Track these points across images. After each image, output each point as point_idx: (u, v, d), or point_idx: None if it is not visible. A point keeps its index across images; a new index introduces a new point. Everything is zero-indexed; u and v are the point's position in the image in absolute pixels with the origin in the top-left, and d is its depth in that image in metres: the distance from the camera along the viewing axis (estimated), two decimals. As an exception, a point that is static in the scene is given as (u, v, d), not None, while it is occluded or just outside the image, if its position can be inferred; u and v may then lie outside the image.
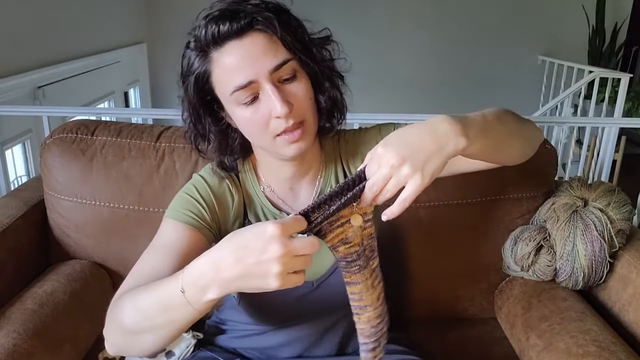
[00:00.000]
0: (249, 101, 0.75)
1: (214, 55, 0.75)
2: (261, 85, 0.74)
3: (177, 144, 1.25)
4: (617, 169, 3.06)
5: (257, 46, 0.73)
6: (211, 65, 0.76)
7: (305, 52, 0.78)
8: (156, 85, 4.10)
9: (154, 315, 0.65)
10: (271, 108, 0.74)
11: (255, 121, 0.76)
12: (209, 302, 0.60)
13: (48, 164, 1.24)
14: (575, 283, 1.21)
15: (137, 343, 0.69)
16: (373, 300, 0.66)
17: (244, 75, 0.73)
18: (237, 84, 0.73)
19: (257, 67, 0.73)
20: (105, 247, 1.26)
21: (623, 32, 4.14)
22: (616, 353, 0.98)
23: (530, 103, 4.16)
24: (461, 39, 4.11)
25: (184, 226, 0.82)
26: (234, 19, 0.72)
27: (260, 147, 0.84)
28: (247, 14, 0.73)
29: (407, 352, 1.02)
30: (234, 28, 0.72)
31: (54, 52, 2.52)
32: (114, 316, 0.70)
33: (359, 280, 0.65)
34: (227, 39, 0.73)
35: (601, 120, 2.91)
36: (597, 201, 1.21)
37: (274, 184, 0.91)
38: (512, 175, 1.29)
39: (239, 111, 0.77)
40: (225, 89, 0.75)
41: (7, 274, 1.15)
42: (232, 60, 0.73)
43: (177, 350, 1.10)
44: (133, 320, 0.67)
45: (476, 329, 1.29)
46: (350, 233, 0.64)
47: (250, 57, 0.73)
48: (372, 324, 0.67)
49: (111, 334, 0.71)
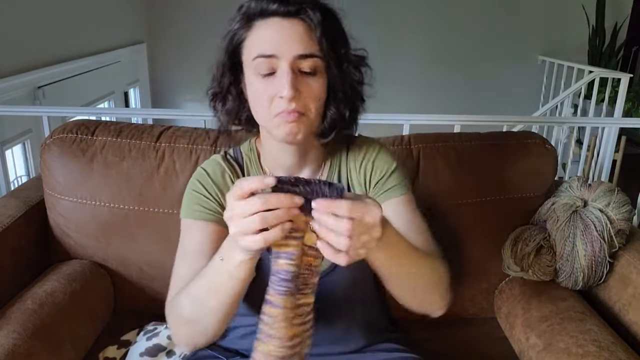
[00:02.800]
0: (265, 73, 0.78)
1: (255, 24, 0.80)
2: (280, 64, 0.78)
3: (177, 144, 1.25)
4: (617, 169, 3.06)
5: (294, 31, 0.78)
6: (249, 32, 0.80)
7: (334, 59, 0.81)
8: (156, 85, 4.10)
9: (207, 296, 0.72)
10: (279, 88, 0.77)
11: (263, 95, 0.79)
12: (241, 264, 0.65)
13: (48, 164, 1.24)
14: (575, 283, 1.21)
15: (202, 329, 0.76)
16: (283, 336, 0.60)
17: (271, 47, 0.77)
18: (261, 52, 0.78)
19: (285, 47, 0.77)
20: (105, 247, 1.26)
21: (623, 32, 4.14)
22: (616, 353, 0.98)
23: (530, 103, 4.16)
24: (461, 39, 4.12)
25: (203, 223, 0.87)
26: (286, 3, 0.78)
27: (261, 125, 0.86)
28: (299, 2, 0.78)
29: (407, 351, 1.03)
30: (281, 9, 0.77)
31: (54, 52, 2.52)
32: (175, 315, 0.78)
33: (280, 304, 0.60)
34: (272, 14, 0.78)
35: (601, 120, 2.91)
36: (597, 201, 1.21)
37: (274, 170, 0.94)
38: (512, 175, 1.29)
39: (254, 79, 0.80)
40: (251, 53, 0.79)
41: (7, 274, 1.15)
42: (268, 32, 0.78)
43: (177, 350, 1.10)
44: (191, 309, 0.74)
45: (476, 329, 1.29)
46: (297, 251, 0.59)
47: (283, 37, 0.77)
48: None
49: (179, 334, 0.80)
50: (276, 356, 0.60)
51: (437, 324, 1.29)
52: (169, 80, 4.12)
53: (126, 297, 1.29)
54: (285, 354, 0.60)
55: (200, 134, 1.28)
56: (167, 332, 1.12)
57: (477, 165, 1.29)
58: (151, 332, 1.15)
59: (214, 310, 0.73)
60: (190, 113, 2.37)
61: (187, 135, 1.28)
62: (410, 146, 1.30)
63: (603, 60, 4.02)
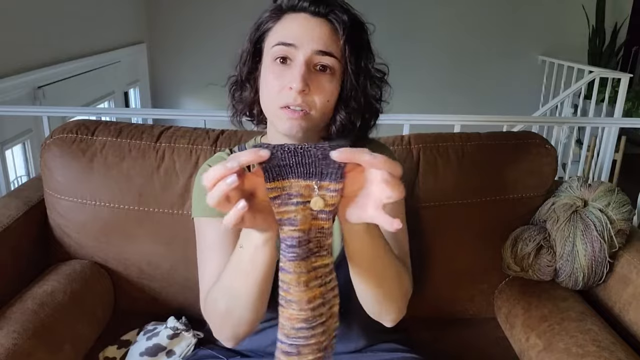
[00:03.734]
0: (281, 59, 0.80)
1: (284, 16, 0.83)
2: (297, 55, 0.79)
3: (177, 144, 1.25)
4: (617, 169, 3.06)
5: (319, 29, 0.80)
6: (276, 23, 0.83)
7: (352, 66, 0.83)
8: (156, 85, 4.10)
9: (236, 285, 0.72)
10: (291, 79, 0.79)
11: (274, 83, 0.81)
12: (257, 249, 0.65)
13: (48, 164, 1.24)
14: (575, 283, 1.21)
15: (238, 319, 0.77)
16: (302, 299, 0.60)
17: (292, 37, 0.80)
18: (282, 40, 0.80)
19: (306, 40, 0.79)
20: (106, 247, 1.26)
21: (623, 32, 4.14)
22: (616, 353, 0.98)
23: (530, 103, 4.16)
24: (461, 39, 4.12)
25: (219, 219, 0.85)
26: (317, 3, 0.80)
27: (267, 114, 0.87)
28: (330, 6, 0.81)
29: (407, 351, 1.03)
30: (312, 8, 0.80)
31: (54, 52, 2.52)
32: (212, 312, 0.80)
33: (290, 269, 0.60)
34: (303, 10, 0.81)
35: (601, 120, 2.92)
36: (597, 201, 1.21)
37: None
38: (512, 175, 1.29)
39: (269, 65, 0.82)
40: (272, 39, 0.82)
41: (7, 274, 1.15)
42: (294, 24, 0.81)
43: (177, 349, 1.10)
44: (224, 301, 0.76)
45: (476, 329, 1.29)
46: (301, 216, 0.58)
47: (307, 30, 0.80)
48: (294, 325, 0.61)
49: (220, 331, 0.81)
50: (298, 319, 0.61)
51: (437, 324, 1.30)
52: (169, 80, 4.12)
53: (126, 297, 1.29)
54: (307, 316, 0.61)
55: (200, 134, 1.28)
56: (167, 332, 1.12)
57: (477, 165, 1.29)
58: (151, 332, 1.15)
59: (245, 298, 0.73)
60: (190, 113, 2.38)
61: (187, 135, 1.28)
62: (410, 146, 1.30)
63: (603, 60, 4.03)
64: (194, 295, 1.26)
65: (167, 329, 1.13)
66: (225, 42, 4.07)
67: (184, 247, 1.22)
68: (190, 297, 1.27)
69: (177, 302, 1.28)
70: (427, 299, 1.31)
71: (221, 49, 4.12)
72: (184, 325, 1.13)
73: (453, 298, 1.33)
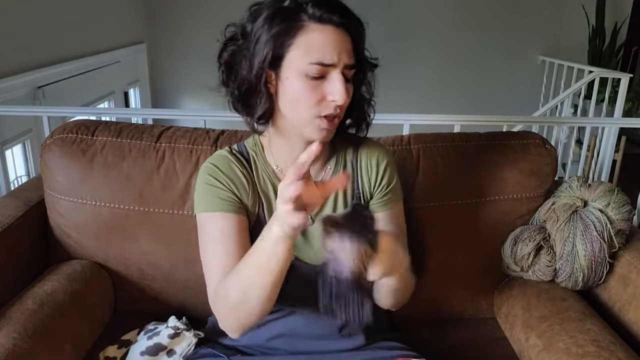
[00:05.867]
0: (316, 76, 0.82)
1: (308, 26, 0.82)
2: (333, 71, 0.83)
3: (177, 144, 1.25)
4: (617, 169, 3.06)
5: (344, 42, 0.83)
6: (300, 33, 0.82)
7: (362, 69, 0.89)
8: (156, 85, 4.10)
9: (252, 275, 0.78)
10: (332, 92, 0.83)
11: (310, 96, 0.83)
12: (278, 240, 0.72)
13: (48, 164, 1.24)
14: (575, 283, 1.21)
15: (249, 309, 0.82)
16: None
17: (330, 56, 0.82)
18: (321, 60, 0.82)
19: (341, 57, 0.83)
20: (106, 247, 1.26)
21: (623, 32, 4.14)
22: (615, 353, 0.98)
23: (530, 103, 4.16)
24: (461, 39, 4.12)
25: (222, 214, 0.91)
26: (340, 12, 0.83)
27: (296, 122, 0.88)
28: (348, 16, 0.84)
29: (406, 349, 1.04)
30: (337, 20, 0.82)
31: (54, 52, 2.52)
32: (222, 302, 0.84)
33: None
34: (328, 22, 0.82)
35: (601, 120, 2.92)
36: (596, 201, 1.21)
37: (282, 165, 0.96)
38: (512, 175, 1.29)
39: (299, 80, 0.83)
40: (307, 57, 0.82)
41: (7, 274, 1.15)
42: (326, 39, 0.82)
43: (178, 349, 1.10)
44: (238, 290, 0.80)
45: (476, 329, 1.29)
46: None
47: (337, 46, 0.82)
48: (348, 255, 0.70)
49: (227, 321, 0.86)
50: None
51: (437, 324, 1.30)
52: (169, 80, 4.12)
53: (126, 297, 1.29)
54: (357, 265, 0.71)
55: (200, 134, 1.28)
56: (168, 331, 1.12)
57: (477, 165, 1.29)
58: (152, 332, 1.15)
59: (259, 289, 0.78)
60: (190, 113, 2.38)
61: (187, 135, 1.28)
62: (410, 146, 1.30)
63: (603, 60, 4.03)
64: (194, 295, 1.26)
65: (168, 328, 1.13)
66: (225, 42, 4.07)
67: (185, 247, 1.22)
68: (190, 297, 1.27)
69: (178, 302, 1.28)
70: (427, 299, 1.31)
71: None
72: (185, 325, 1.13)
73: (453, 298, 1.33)
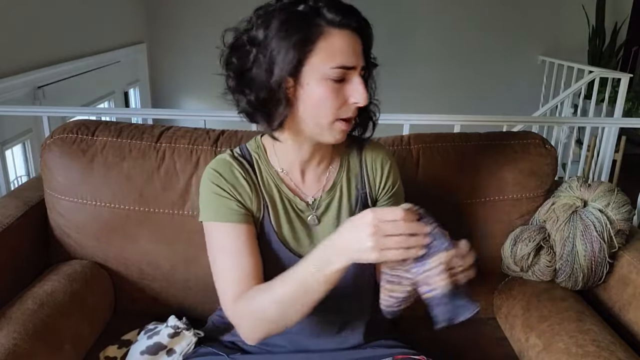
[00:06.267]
0: (338, 79, 0.84)
1: (328, 31, 0.83)
2: (353, 74, 0.85)
3: (177, 144, 1.25)
4: (617, 169, 3.06)
5: (358, 45, 0.86)
6: (321, 38, 0.82)
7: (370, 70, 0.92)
8: (156, 85, 4.10)
9: (298, 299, 0.81)
10: (353, 95, 0.85)
11: (333, 100, 0.85)
12: (336, 271, 0.77)
13: (48, 164, 1.24)
14: (574, 283, 1.21)
15: (285, 325, 0.86)
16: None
17: (352, 59, 0.84)
18: (344, 63, 0.83)
19: (359, 60, 0.85)
20: (106, 247, 1.26)
21: (623, 32, 4.14)
22: (615, 353, 0.98)
23: (530, 103, 4.16)
24: (461, 39, 4.12)
25: (231, 225, 0.92)
26: (355, 16, 0.84)
27: (315, 126, 0.88)
28: (361, 19, 0.86)
29: (406, 347, 1.04)
30: (352, 24, 0.84)
31: (54, 52, 2.52)
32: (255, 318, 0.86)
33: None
34: (345, 26, 0.83)
35: (601, 120, 2.92)
36: (596, 201, 1.21)
37: (287, 167, 0.97)
38: (512, 175, 1.29)
39: (320, 85, 0.84)
40: (329, 62, 0.83)
41: (7, 274, 1.15)
42: (345, 44, 0.84)
43: (177, 348, 1.10)
44: (279, 311, 0.84)
45: (476, 329, 1.29)
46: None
47: (355, 50, 0.85)
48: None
49: (255, 332, 0.88)
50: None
51: (437, 324, 1.30)
52: (169, 80, 4.12)
53: (126, 297, 1.29)
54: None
55: (200, 134, 1.28)
56: (168, 330, 1.12)
57: (477, 165, 1.29)
58: (152, 331, 1.15)
59: (303, 310, 0.83)
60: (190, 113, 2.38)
61: (187, 135, 1.28)
62: (410, 146, 1.30)
63: (603, 60, 4.03)
64: (194, 295, 1.26)
65: (168, 327, 1.13)
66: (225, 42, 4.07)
67: (185, 247, 1.22)
68: (190, 298, 1.27)
69: (178, 302, 1.28)
70: (427, 299, 1.31)
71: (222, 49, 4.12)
72: (185, 325, 1.13)
73: (453, 298, 1.33)
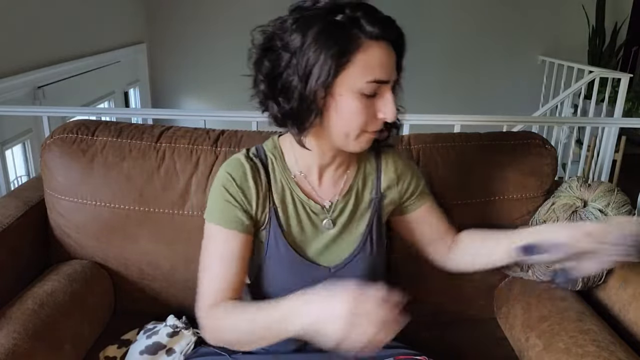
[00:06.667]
0: (371, 93, 0.83)
1: (366, 43, 0.81)
2: (386, 89, 0.85)
3: (177, 144, 1.25)
4: (617, 169, 3.06)
5: (392, 58, 0.85)
6: (359, 51, 0.81)
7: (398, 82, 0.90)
8: (156, 85, 4.10)
9: (258, 335, 0.83)
10: (384, 111, 0.85)
11: (364, 114, 0.84)
12: (302, 329, 0.76)
13: (48, 164, 1.24)
14: (574, 283, 1.21)
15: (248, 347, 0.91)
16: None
17: (386, 74, 0.83)
18: (379, 77, 0.82)
19: (392, 73, 0.85)
20: (106, 247, 1.26)
21: (623, 32, 4.14)
22: (615, 353, 0.98)
23: (530, 103, 4.16)
24: (461, 39, 4.12)
25: (234, 233, 0.92)
26: (393, 29, 0.84)
27: (341, 137, 0.87)
28: (398, 31, 0.85)
29: (408, 348, 1.04)
30: (390, 37, 0.83)
31: (54, 52, 2.52)
32: (217, 331, 0.89)
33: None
34: (382, 39, 0.82)
35: (601, 120, 2.92)
36: (596, 201, 1.21)
37: (305, 170, 0.96)
38: (512, 175, 1.29)
39: (353, 98, 0.83)
40: (365, 75, 0.82)
41: (7, 274, 1.15)
42: (382, 57, 0.83)
43: (177, 347, 1.10)
44: (237, 339, 0.86)
45: (476, 329, 1.29)
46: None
47: (390, 63, 0.84)
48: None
49: (215, 341, 0.90)
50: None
51: (437, 324, 1.30)
52: (169, 80, 4.12)
53: (126, 297, 1.29)
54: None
55: (200, 134, 1.29)
56: (167, 330, 1.12)
57: (477, 165, 1.29)
58: (151, 331, 1.15)
59: (270, 342, 0.83)
60: (190, 113, 2.38)
61: (187, 135, 1.28)
62: (410, 146, 1.30)
63: (603, 60, 4.03)
64: (194, 295, 1.25)
65: (167, 327, 1.13)
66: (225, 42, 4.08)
67: (185, 248, 1.22)
68: (190, 298, 1.26)
69: (178, 302, 1.28)
70: (427, 299, 1.32)
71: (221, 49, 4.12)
72: (184, 324, 1.13)
73: (453, 298, 1.33)
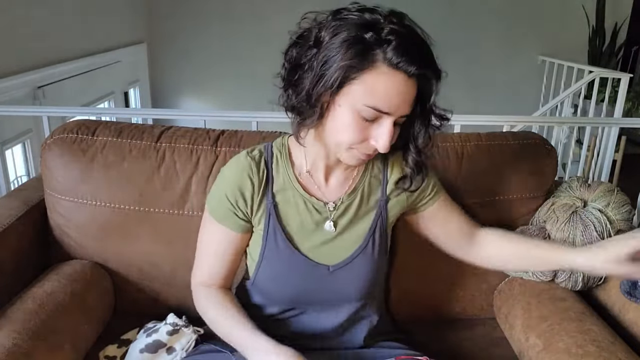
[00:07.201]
0: (369, 118, 0.81)
1: (380, 66, 0.77)
2: (386, 119, 0.81)
3: (177, 144, 1.25)
4: (617, 169, 3.06)
5: (408, 93, 0.80)
6: (370, 70, 0.78)
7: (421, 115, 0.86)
8: (156, 85, 4.10)
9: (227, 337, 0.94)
10: (377, 140, 0.82)
11: (355, 135, 0.82)
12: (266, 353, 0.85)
13: (48, 164, 1.24)
14: (574, 283, 1.21)
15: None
16: None
17: (389, 106, 0.79)
18: (378, 106, 0.79)
19: (399, 108, 0.80)
20: (106, 247, 1.26)
21: (623, 32, 4.14)
22: (615, 353, 0.98)
23: (530, 103, 4.16)
24: (461, 38, 4.12)
25: (227, 230, 0.97)
26: (419, 63, 0.78)
27: (334, 145, 0.87)
28: (426, 67, 0.79)
29: (409, 348, 1.04)
30: (410, 71, 0.77)
31: (54, 52, 2.53)
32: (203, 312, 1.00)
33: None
34: (400, 70, 0.77)
35: (601, 120, 2.92)
36: (596, 201, 1.21)
37: (312, 168, 0.96)
38: (512, 175, 1.29)
39: (349, 114, 0.81)
40: (366, 98, 0.79)
41: (7, 274, 1.15)
42: (391, 88, 0.78)
43: (177, 346, 1.10)
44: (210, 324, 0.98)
45: (476, 329, 1.29)
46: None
47: (400, 98, 0.79)
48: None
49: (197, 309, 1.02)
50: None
51: (437, 324, 1.30)
52: (169, 80, 4.12)
53: (126, 297, 1.29)
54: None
55: (200, 134, 1.28)
56: (167, 328, 1.12)
57: (477, 165, 1.29)
58: (151, 329, 1.15)
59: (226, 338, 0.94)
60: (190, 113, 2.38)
61: (187, 135, 1.28)
62: (410, 146, 1.30)
63: (603, 60, 4.03)
64: (194, 295, 1.26)
65: (167, 325, 1.13)
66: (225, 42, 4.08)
67: (185, 248, 1.22)
68: (190, 297, 1.26)
69: (178, 302, 1.28)
70: (427, 299, 1.32)
71: (221, 49, 4.13)
72: (184, 322, 1.13)
73: (453, 298, 1.33)
